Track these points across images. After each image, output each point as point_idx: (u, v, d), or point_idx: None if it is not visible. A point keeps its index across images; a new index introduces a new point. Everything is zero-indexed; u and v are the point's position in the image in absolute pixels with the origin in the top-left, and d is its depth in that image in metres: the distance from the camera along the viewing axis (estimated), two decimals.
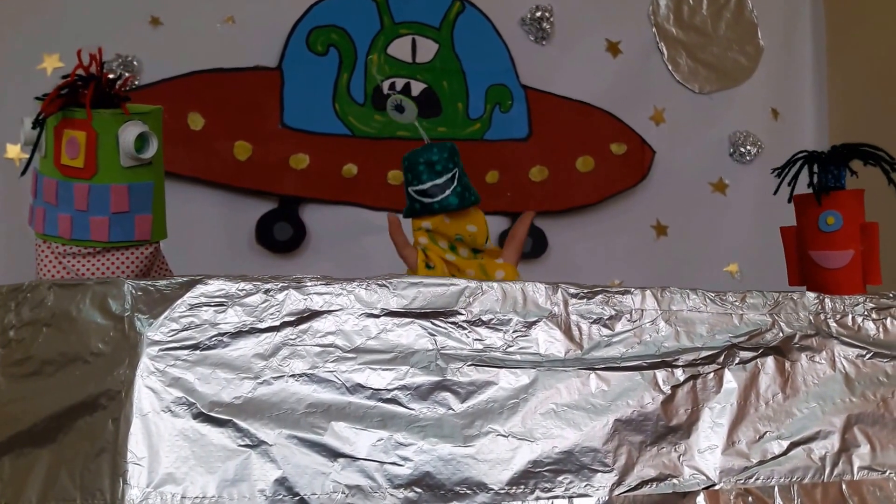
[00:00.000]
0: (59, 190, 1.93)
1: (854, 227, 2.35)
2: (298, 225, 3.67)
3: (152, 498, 1.49)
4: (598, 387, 1.74)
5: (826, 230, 2.34)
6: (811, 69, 4.48)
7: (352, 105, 3.72)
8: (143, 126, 1.94)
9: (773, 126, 4.35)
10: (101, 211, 1.92)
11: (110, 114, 1.93)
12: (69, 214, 1.92)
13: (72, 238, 1.93)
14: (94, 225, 1.92)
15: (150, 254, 2.02)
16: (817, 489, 1.84)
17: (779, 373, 1.89)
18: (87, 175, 1.91)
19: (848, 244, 2.34)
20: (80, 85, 1.93)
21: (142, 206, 1.98)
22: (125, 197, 1.94)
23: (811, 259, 2.38)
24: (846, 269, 2.33)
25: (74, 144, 1.90)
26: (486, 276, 2.15)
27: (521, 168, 3.92)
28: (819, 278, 2.35)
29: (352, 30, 3.76)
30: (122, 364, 1.56)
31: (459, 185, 2.13)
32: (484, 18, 3.92)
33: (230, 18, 3.63)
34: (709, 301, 1.88)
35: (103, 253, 1.96)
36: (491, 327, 1.72)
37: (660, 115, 4.16)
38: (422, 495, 1.60)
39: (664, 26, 4.22)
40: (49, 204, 1.95)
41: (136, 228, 1.97)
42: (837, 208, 2.34)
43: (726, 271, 4.20)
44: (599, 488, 1.68)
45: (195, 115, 3.55)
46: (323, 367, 1.62)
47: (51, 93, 1.91)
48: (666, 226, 4.14)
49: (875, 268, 2.36)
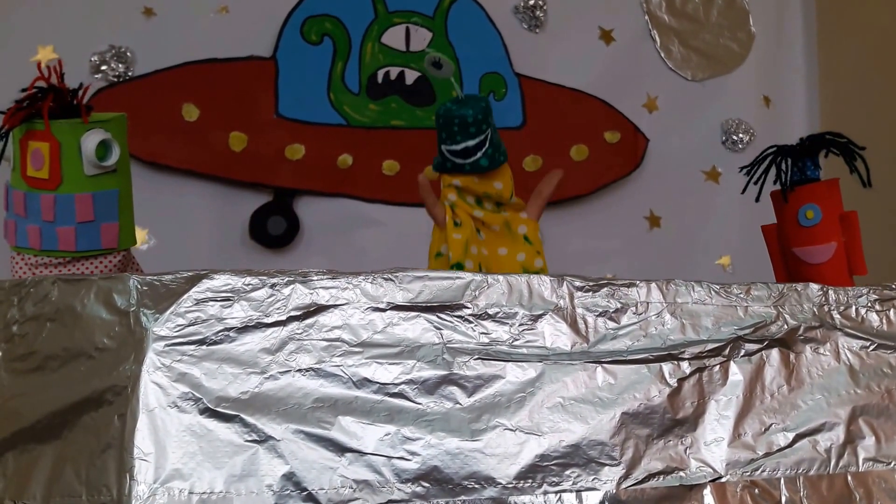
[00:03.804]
0: (26, 201, 1.95)
1: (833, 218, 2.34)
2: (292, 218, 3.66)
3: (160, 494, 1.48)
4: (605, 380, 1.74)
5: (806, 224, 2.33)
6: (803, 56, 4.50)
7: (347, 94, 3.72)
8: (104, 134, 1.94)
9: (766, 113, 4.37)
10: (67, 221, 1.94)
11: (70, 123, 1.94)
12: (38, 226, 1.94)
13: (42, 249, 1.95)
14: (61, 235, 1.94)
15: (119, 262, 2.03)
16: (823, 481, 1.84)
17: (784, 365, 1.89)
18: (52, 186, 1.92)
19: (830, 237, 2.33)
20: (39, 96, 1.94)
21: (107, 215, 1.99)
22: (90, 206, 1.95)
23: (795, 256, 2.38)
24: (831, 263, 2.33)
25: (38, 156, 1.91)
26: (510, 231, 2.20)
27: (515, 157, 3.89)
28: (805, 274, 2.34)
29: (346, 19, 3.76)
30: (128, 359, 1.55)
31: (491, 147, 2.12)
32: (477, 7, 3.93)
33: (224, 8, 3.63)
34: (714, 293, 1.87)
35: (73, 262, 1.97)
36: (497, 321, 1.72)
37: (653, 103, 4.18)
38: (430, 490, 1.60)
39: (656, 14, 4.23)
40: (19, 216, 1.97)
41: (101, 237, 1.98)
42: (815, 201, 2.33)
43: (718, 264, 4.22)
44: (607, 482, 1.68)
45: (189, 105, 3.55)
46: (329, 361, 1.61)
47: (11, 107, 1.93)
48: (659, 217, 4.15)
49: (859, 258, 2.36)
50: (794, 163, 2.37)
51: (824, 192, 2.34)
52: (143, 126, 3.33)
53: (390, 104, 3.81)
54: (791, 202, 2.35)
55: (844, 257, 2.34)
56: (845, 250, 2.34)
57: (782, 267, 2.46)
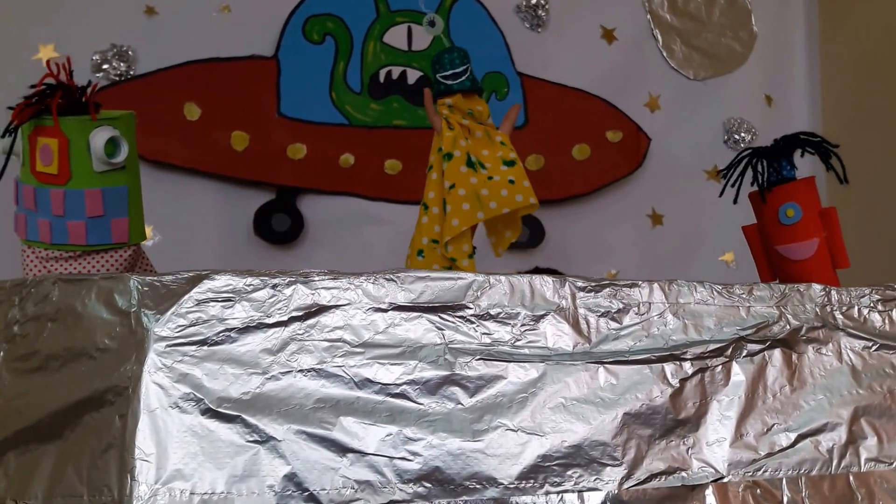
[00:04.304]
0: (36, 196, 1.97)
1: (813, 214, 2.38)
2: (296, 216, 3.66)
3: (161, 494, 1.48)
4: (607, 380, 1.73)
5: (787, 223, 2.36)
6: (804, 55, 4.50)
7: (348, 94, 3.72)
8: (113, 131, 1.96)
9: (767, 112, 4.37)
10: (77, 215, 1.96)
11: (78, 120, 1.95)
12: (48, 220, 1.96)
13: (52, 243, 1.97)
14: (71, 229, 1.96)
15: (130, 256, 2.04)
16: (825, 481, 1.84)
17: (786, 365, 1.89)
18: (61, 181, 1.94)
19: (811, 233, 2.37)
20: (48, 93, 1.95)
21: (117, 210, 2.01)
22: (99, 201, 1.97)
23: (778, 254, 2.40)
24: (814, 258, 2.37)
25: (47, 152, 1.93)
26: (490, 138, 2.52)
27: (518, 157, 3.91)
28: (789, 271, 2.38)
29: (348, 18, 3.76)
30: (129, 360, 1.55)
31: (472, 75, 2.53)
32: (480, 6, 3.93)
33: (226, 7, 3.62)
34: (716, 294, 1.87)
35: (84, 256, 1.99)
36: (499, 321, 1.71)
37: (655, 102, 4.17)
38: (431, 490, 1.60)
39: (658, 13, 4.23)
40: (29, 210, 1.99)
41: (112, 231, 2.00)
42: (794, 199, 2.37)
43: (722, 260, 4.21)
44: (609, 482, 1.68)
45: (191, 105, 3.55)
46: (331, 361, 1.61)
47: (20, 103, 1.94)
48: (661, 215, 4.15)
49: (841, 252, 2.39)
50: (770, 163, 2.41)
51: (802, 191, 2.39)
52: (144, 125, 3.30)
53: (392, 104, 3.81)
54: (770, 202, 2.38)
55: (827, 252, 2.38)
56: (827, 245, 2.37)
57: (766, 265, 2.49)
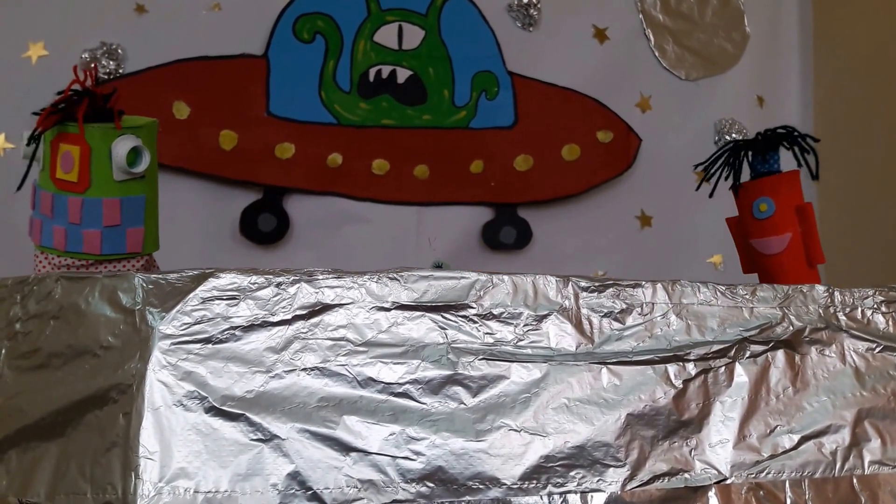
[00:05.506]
0: (54, 203, 1.96)
1: (789, 210, 2.39)
2: (282, 216, 3.66)
3: (165, 492, 1.48)
4: (610, 381, 1.73)
5: (759, 217, 2.39)
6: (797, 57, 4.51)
7: (338, 93, 3.72)
8: (135, 140, 1.95)
9: (759, 113, 4.38)
10: (93, 224, 1.95)
11: (103, 128, 1.95)
12: (64, 227, 1.95)
13: (66, 250, 1.96)
14: (86, 238, 1.95)
15: (142, 266, 2.04)
16: (828, 484, 1.84)
17: (789, 366, 1.89)
18: (80, 189, 1.94)
19: (784, 228, 2.38)
20: (75, 100, 1.95)
21: (133, 220, 2.00)
22: (117, 211, 1.96)
23: (752, 247, 2.43)
24: (787, 253, 2.38)
25: (69, 158, 1.93)
26: None
27: (507, 157, 3.92)
28: (763, 264, 2.41)
29: (338, 17, 3.76)
30: (133, 358, 1.54)
31: None
32: (471, 5, 3.93)
33: (216, 6, 3.62)
34: (719, 294, 1.87)
35: (96, 265, 1.98)
36: (502, 321, 1.71)
37: (646, 103, 4.18)
38: (434, 490, 1.59)
39: (651, 13, 4.23)
40: (45, 216, 1.98)
41: (127, 241, 1.99)
42: (769, 194, 2.38)
43: (710, 262, 4.22)
44: (612, 483, 1.68)
45: (180, 103, 3.54)
46: (334, 360, 1.60)
47: (46, 108, 1.94)
48: (650, 216, 4.15)
49: (816, 247, 2.40)
50: (756, 155, 2.44)
51: (778, 185, 2.40)
52: None
53: (381, 103, 3.80)
54: (747, 195, 2.42)
55: (801, 247, 2.39)
56: (802, 240, 2.38)
57: (746, 257, 2.52)
